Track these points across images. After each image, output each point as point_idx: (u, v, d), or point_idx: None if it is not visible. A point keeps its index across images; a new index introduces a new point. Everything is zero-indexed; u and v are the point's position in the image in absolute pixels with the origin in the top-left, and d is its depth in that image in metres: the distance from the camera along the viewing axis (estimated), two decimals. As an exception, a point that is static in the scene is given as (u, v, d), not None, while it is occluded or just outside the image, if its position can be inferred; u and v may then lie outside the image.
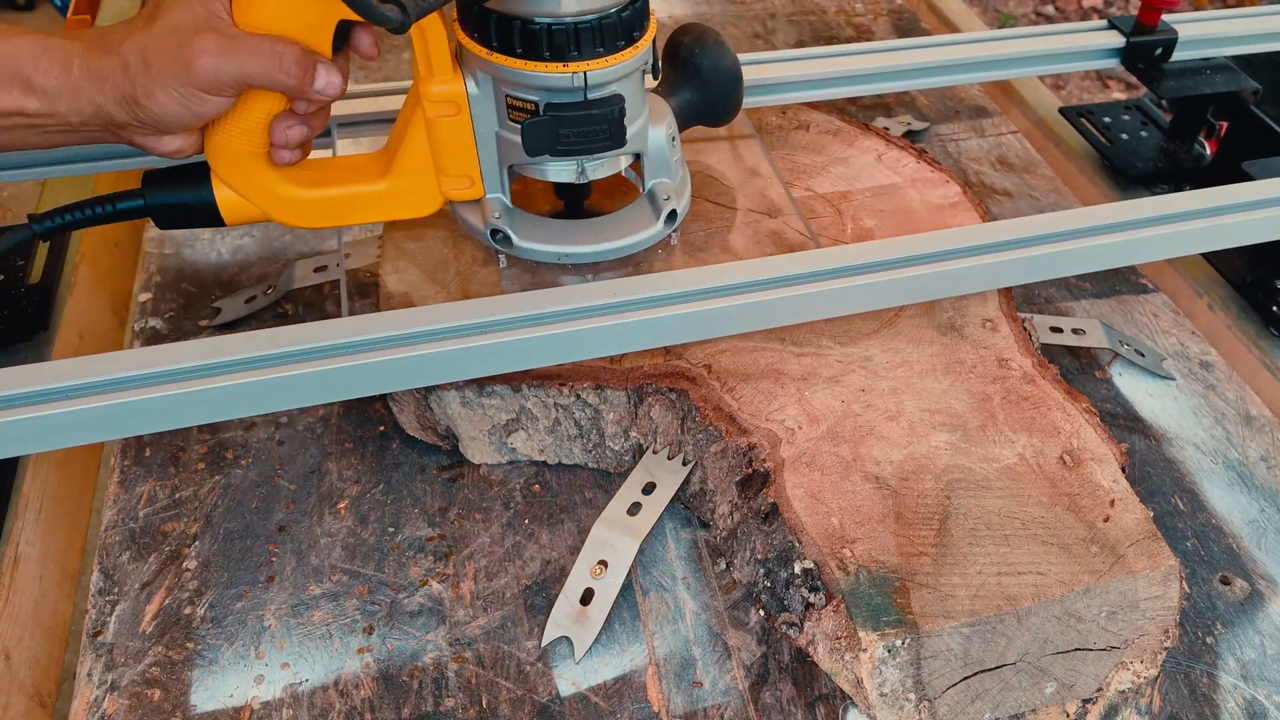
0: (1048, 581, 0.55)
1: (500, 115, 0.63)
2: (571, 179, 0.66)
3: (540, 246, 0.68)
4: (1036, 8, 3.34)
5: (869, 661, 0.53)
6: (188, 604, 0.62)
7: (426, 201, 0.67)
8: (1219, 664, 0.62)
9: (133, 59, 0.53)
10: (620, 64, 0.61)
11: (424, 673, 0.59)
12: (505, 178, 0.67)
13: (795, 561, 0.57)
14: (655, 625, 0.62)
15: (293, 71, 0.55)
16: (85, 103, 0.54)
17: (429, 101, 0.62)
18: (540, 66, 0.59)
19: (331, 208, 0.65)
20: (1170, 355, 0.82)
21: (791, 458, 0.61)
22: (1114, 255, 0.72)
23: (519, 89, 0.61)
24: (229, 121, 0.59)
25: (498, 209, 0.67)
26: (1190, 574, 0.66)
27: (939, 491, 0.60)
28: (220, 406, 0.59)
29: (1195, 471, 0.73)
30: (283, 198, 0.63)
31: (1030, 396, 0.66)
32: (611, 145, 0.63)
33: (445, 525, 0.66)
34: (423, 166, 0.65)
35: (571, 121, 0.61)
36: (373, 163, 0.66)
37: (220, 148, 0.60)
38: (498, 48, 0.59)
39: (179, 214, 0.63)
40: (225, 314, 0.79)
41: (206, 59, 0.53)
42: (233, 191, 0.62)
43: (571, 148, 0.63)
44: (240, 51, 0.54)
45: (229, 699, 0.57)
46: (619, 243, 0.69)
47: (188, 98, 0.54)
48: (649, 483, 0.66)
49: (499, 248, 0.68)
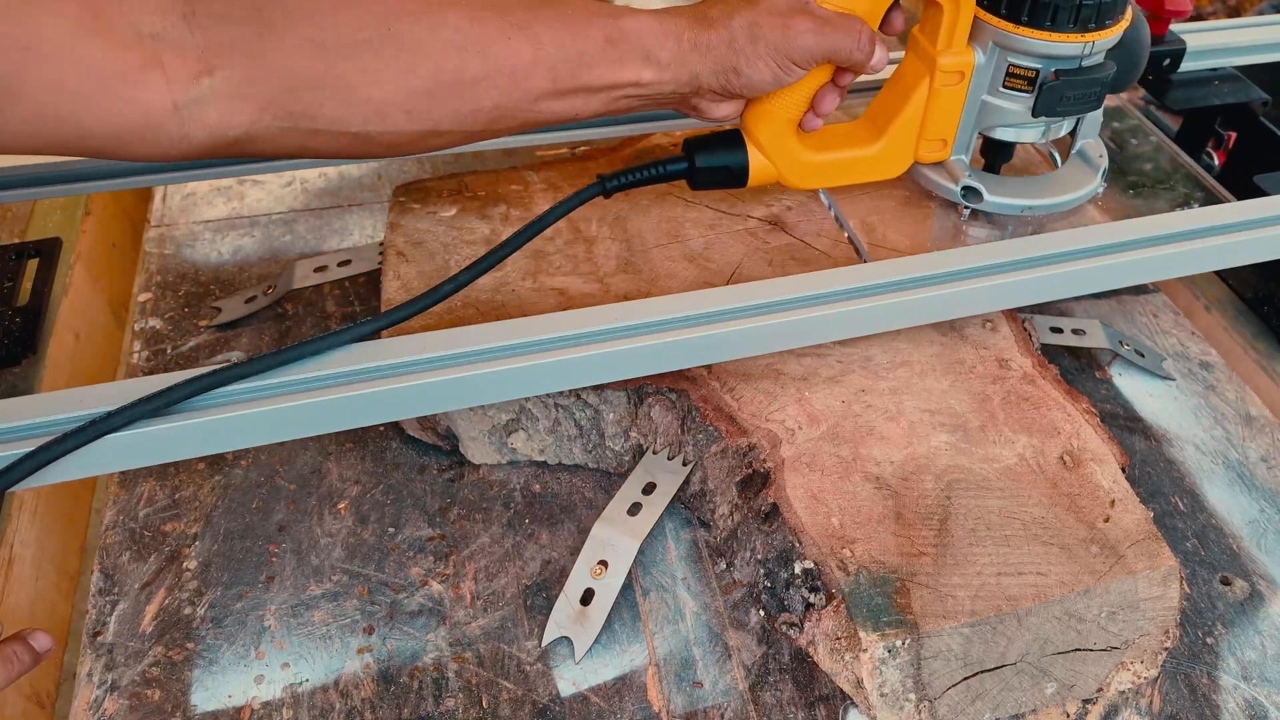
0: (1048, 582, 0.55)
1: (994, 83, 0.69)
2: (1038, 140, 0.73)
3: (1007, 200, 0.74)
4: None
5: (869, 662, 0.53)
6: (188, 604, 0.62)
7: (903, 162, 0.72)
8: (1219, 664, 0.62)
9: (740, 34, 0.60)
10: (1115, 34, 0.67)
11: (424, 673, 0.59)
12: (973, 141, 0.74)
13: (795, 562, 0.57)
14: (655, 625, 0.62)
15: (865, 47, 0.62)
16: (685, 72, 0.60)
17: (941, 71, 0.67)
18: (1059, 36, 0.66)
19: (831, 170, 0.71)
20: (1170, 355, 0.82)
21: (792, 458, 0.61)
22: (1142, 271, 0.71)
23: (1026, 57, 0.67)
24: (785, 91, 0.64)
25: (965, 169, 0.74)
26: (1190, 574, 0.66)
27: (939, 492, 0.60)
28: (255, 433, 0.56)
29: (1195, 472, 0.73)
30: (799, 161, 0.68)
31: (1030, 397, 0.66)
32: (1094, 106, 0.71)
33: (445, 525, 0.66)
34: (913, 131, 0.71)
35: (1077, 85, 0.68)
36: (859, 129, 0.72)
37: (766, 115, 0.65)
38: (1024, 20, 0.66)
39: (716, 175, 0.68)
40: (225, 314, 0.79)
41: (807, 37, 0.60)
42: (761, 155, 0.67)
43: (1068, 108, 0.69)
44: (831, 30, 0.61)
45: (229, 699, 0.57)
46: (1073, 194, 0.75)
47: (782, 68, 0.61)
48: (649, 483, 0.66)
49: (968, 204, 0.75)
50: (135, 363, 0.76)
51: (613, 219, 0.77)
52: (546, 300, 0.70)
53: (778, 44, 0.60)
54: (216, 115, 0.50)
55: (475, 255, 0.74)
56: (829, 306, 0.62)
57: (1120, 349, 0.79)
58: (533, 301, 0.70)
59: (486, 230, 0.76)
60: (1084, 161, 0.78)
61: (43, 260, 0.86)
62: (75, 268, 0.88)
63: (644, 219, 0.77)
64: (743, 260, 0.74)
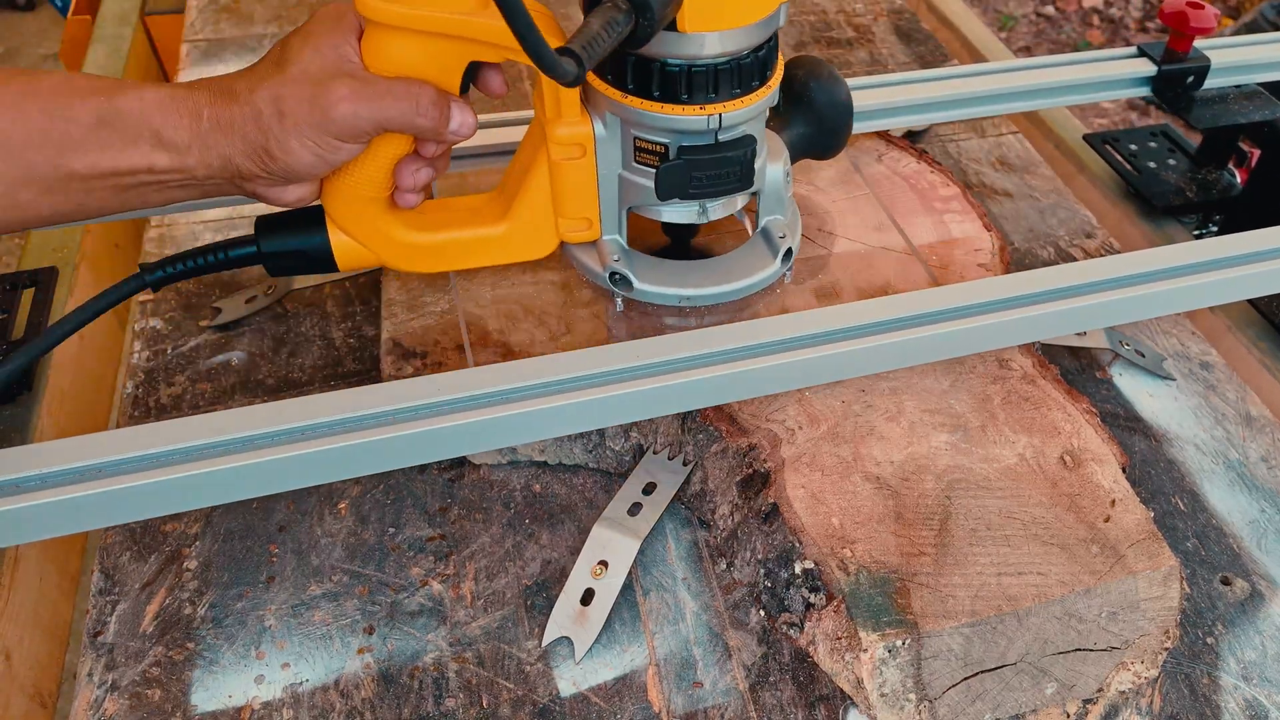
0: (1048, 582, 0.55)
1: (625, 157, 0.62)
2: (692, 220, 0.65)
3: (660, 289, 0.67)
4: (1037, 8, 3.34)
5: (869, 662, 0.53)
6: (188, 604, 0.62)
7: (543, 244, 0.65)
8: (1219, 664, 0.62)
9: (266, 108, 0.52)
10: (753, 105, 0.60)
11: (424, 673, 0.59)
12: (624, 219, 0.66)
13: (796, 562, 0.57)
14: (656, 625, 0.62)
15: (429, 113, 0.54)
16: (213, 155, 0.52)
17: (555, 144, 0.61)
18: (675, 109, 0.58)
19: (447, 252, 0.64)
20: (1170, 355, 0.82)
21: (792, 458, 0.61)
22: (1179, 301, 0.67)
23: (649, 131, 0.60)
24: (352, 167, 0.57)
25: (616, 251, 0.66)
26: (1191, 574, 0.66)
27: (939, 492, 0.60)
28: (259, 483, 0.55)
29: (1195, 472, 0.73)
30: (400, 243, 0.62)
31: (1031, 397, 0.66)
32: (741, 186, 0.63)
33: (446, 525, 0.66)
34: (543, 209, 0.64)
35: (704, 165, 0.61)
36: (487, 205, 0.65)
37: (340, 193, 0.59)
38: (631, 90, 0.58)
39: (292, 260, 0.62)
40: (225, 314, 0.79)
41: (344, 105, 0.52)
42: (348, 237, 0.61)
43: (703, 190, 0.62)
44: (377, 96, 0.52)
45: (229, 699, 0.57)
46: (739, 283, 0.68)
47: (323, 146, 0.53)
48: (649, 483, 0.66)
49: (619, 291, 0.67)
50: (135, 363, 0.76)
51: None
52: (546, 294, 0.70)
53: (309, 118, 0.51)
54: None
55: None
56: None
57: (1121, 349, 0.79)
58: (532, 296, 0.70)
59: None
60: (765, 242, 0.69)
61: (39, 290, 0.81)
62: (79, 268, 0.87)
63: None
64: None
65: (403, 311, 0.70)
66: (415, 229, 0.62)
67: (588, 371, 0.58)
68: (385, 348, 0.69)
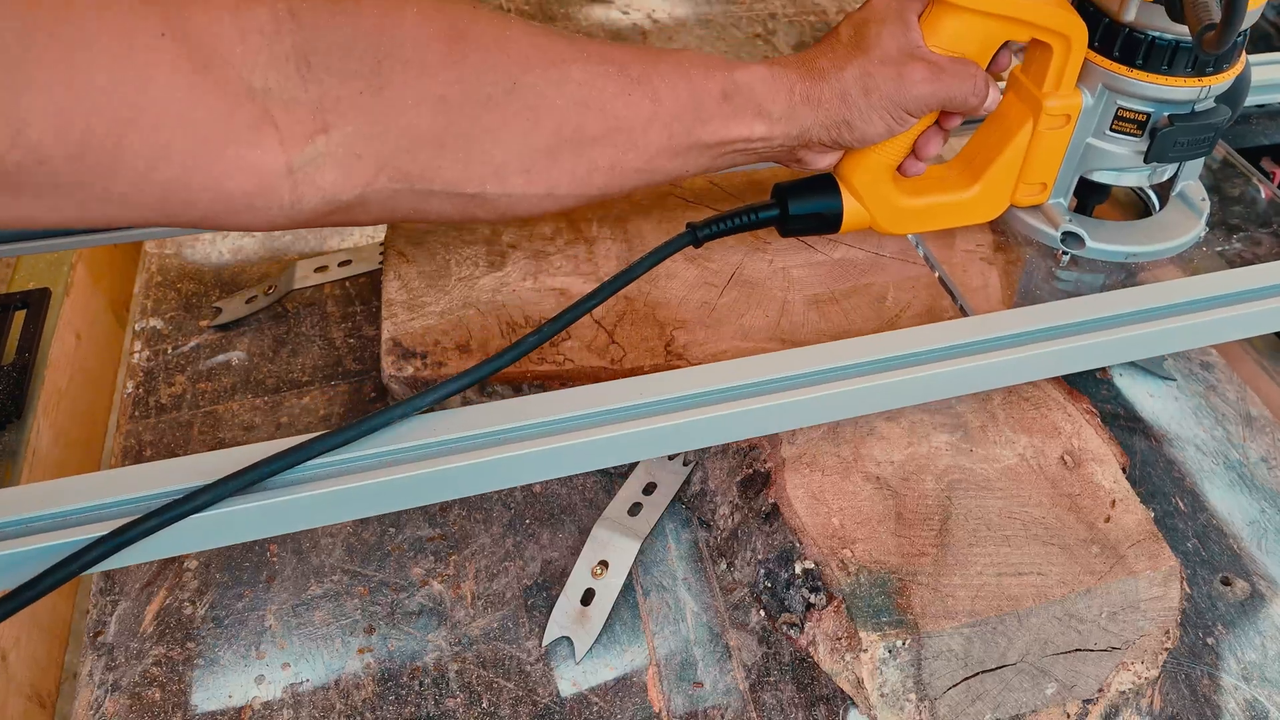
0: (1048, 582, 0.55)
1: (1101, 125, 0.67)
2: (1139, 184, 0.71)
3: (1110, 247, 0.72)
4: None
5: (870, 662, 0.53)
6: (188, 604, 0.62)
7: (999, 206, 0.70)
8: (1220, 665, 0.62)
9: (853, 87, 0.57)
10: (1231, 79, 0.65)
11: (425, 673, 0.59)
12: (1073, 184, 0.71)
13: (796, 562, 0.57)
14: (656, 626, 0.62)
15: (980, 91, 0.60)
16: (795, 126, 0.58)
17: (1046, 114, 0.65)
18: (1174, 81, 0.64)
19: (925, 215, 0.69)
20: (1171, 355, 0.82)
21: (792, 458, 0.61)
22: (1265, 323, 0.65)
23: (1137, 100, 0.65)
24: (890, 138, 0.61)
25: (1064, 213, 0.72)
26: (1191, 575, 0.66)
27: (939, 492, 0.60)
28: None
29: (1196, 472, 0.73)
30: (895, 207, 0.66)
31: (1031, 397, 0.66)
32: (1206, 152, 0.69)
33: (446, 525, 0.66)
34: (1012, 174, 0.68)
35: (1191, 130, 0.66)
36: (954, 171, 0.70)
37: (866, 162, 0.63)
38: (1141, 65, 0.63)
39: (808, 222, 0.66)
40: (226, 314, 0.79)
41: (923, 86, 0.58)
42: (855, 201, 0.65)
43: (1181, 154, 0.67)
44: (945, 76, 0.58)
45: (229, 699, 0.57)
46: (1175, 241, 0.73)
47: (896, 120, 0.59)
48: (650, 483, 0.66)
49: (1068, 249, 0.72)
50: (136, 363, 0.76)
51: (614, 219, 0.77)
52: (546, 300, 0.70)
53: (892, 95, 0.57)
54: (331, 178, 0.45)
55: (476, 255, 0.74)
56: (937, 365, 0.58)
57: (1121, 349, 0.80)
58: (533, 301, 0.70)
59: (487, 230, 0.76)
60: (1186, 205, 0.76)
61: (31, 312, 0.79)
62: (76, 268, 0.87)
63: (644, 219, 0.77)
64: (743, 260, 0.74)
65: (403, 311, 0.70)
66: (907, 194, 0.67)
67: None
68: (385, 348, 0.68)
